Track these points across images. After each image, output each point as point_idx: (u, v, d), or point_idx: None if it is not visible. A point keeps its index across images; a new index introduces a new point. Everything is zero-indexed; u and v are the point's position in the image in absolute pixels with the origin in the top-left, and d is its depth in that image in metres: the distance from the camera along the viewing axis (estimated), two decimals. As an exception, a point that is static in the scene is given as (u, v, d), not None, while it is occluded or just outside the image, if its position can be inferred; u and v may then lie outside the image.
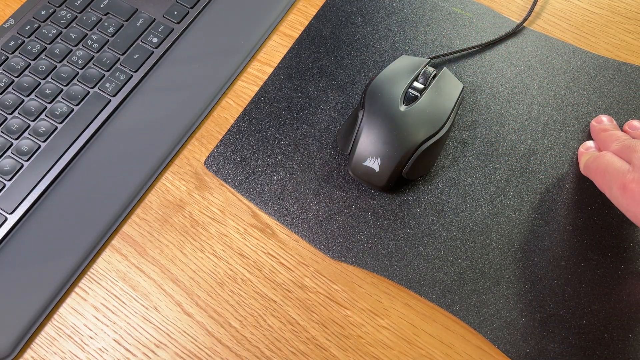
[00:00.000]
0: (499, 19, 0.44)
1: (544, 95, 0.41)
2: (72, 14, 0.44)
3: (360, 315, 0.34)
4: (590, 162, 0.35)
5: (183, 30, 0.44)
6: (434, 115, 0.36)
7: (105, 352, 0.33)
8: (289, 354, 0.33)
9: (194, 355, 0.33)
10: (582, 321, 0.33)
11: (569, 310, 0.33)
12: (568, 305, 0.34)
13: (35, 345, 0.34)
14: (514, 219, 0.36)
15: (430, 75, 0.38)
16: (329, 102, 0.41)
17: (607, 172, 0.32)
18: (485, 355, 0.33)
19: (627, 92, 0.41)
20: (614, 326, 0.33)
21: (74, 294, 0.35)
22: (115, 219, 0.37)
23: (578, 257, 0.35)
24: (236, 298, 0.35)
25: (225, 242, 0.36)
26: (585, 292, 0.34)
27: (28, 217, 0.37)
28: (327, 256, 0.36)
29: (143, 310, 0.34)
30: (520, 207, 0.37)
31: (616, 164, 0.31)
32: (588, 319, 0.33)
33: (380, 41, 0.44)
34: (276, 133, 0.40)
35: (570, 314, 0.33)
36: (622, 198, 0.30)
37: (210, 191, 0.38)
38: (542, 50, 0.43)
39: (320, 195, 0.37)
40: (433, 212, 0.37)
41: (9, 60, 0.42)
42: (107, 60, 0.42)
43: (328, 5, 0.45)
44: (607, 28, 0.44)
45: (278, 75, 0.42)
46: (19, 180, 0.37)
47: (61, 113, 0.40)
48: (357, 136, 0.36)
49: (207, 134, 0.40)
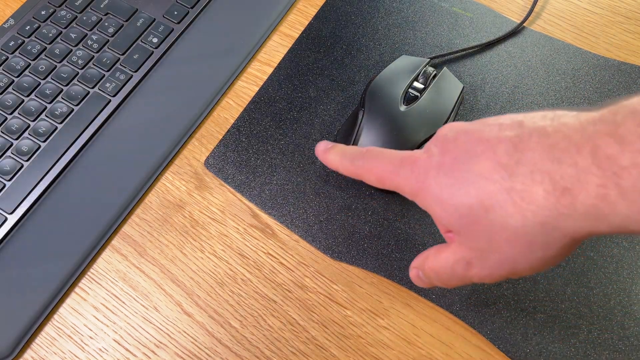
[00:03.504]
0: (499, 19, 0.44)
1: (544, 95, 0.41)
2: (72, 14, 0.44)
3: (360, 315, 0.34)
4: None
5: (183, 30, 0.44)
6: (434, 115, 0.36)
7: (105, 352, 0.33)
8: (289, 354, 0.33)
9: (194, 355, 0.33)
10: (581, 321, 0.33)
11: (569, 310, 0.33)
12: (568, 305, 0.34)
13: (35, 345, 0.34)
14: (514, 219, 0.36)
15: (430, 75, 0.38)
16: (329, 102, 0.41)
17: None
18: (485, 355, 0.33)
19: (627, 92, 0.41)
20: (614, 326, 0.33)
21: (74, 294, 0.35)
22: (115, 219, 0.37)
23: (578, 257, 0.35)
24: (236, 298, 0.35)
25: (225, 242, 0.36)
26: (585, 293, 0.34)
27: (28, 217, 0.37)
28: (327, 256, 0.36)
29: (143, 311, 0.34)
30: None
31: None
32: (588, 319, 0.33)
33: (380, 41, 0.44)
34: (276, 133, 0.40)
35: (570, 314, 0.33)
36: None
37: (210, 191, 0.38)
38: (542, 50, 0.43)
39: (320, 195, 0.37)
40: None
41: (9, 60, 0.42)
42: (107, 60, 0.42)
43: (328, 5, 0.45)
44: (607, 28, 0.44)
45: (278, 75, 0.42)
46: (19, 180, 0.37)
47: (61, 113, 0.40)
48: (357, 136, 0.36)
49: (207, 134, 0.40)
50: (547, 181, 0.20)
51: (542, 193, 0.21)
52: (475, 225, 0.23)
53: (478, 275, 0.25)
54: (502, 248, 0.23)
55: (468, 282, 0.26)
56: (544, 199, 0.20)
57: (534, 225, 0.21)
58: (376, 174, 0.28)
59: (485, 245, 0.23)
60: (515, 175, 0.21)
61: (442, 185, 0.24)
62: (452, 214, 0.24)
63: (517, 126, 0.23)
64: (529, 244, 0.22)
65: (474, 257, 0.24)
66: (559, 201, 0.20)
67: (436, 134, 0.26)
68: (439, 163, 0.25)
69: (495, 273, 0.24)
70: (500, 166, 0.22)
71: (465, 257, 0.25)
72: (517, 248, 0.22)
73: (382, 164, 0.28)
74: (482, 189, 0.22)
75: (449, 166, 0.24)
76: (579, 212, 0.20)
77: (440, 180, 0.24)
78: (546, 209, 0.21)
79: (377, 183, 0.28)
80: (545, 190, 0.20)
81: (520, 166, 0.21)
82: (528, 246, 0.22)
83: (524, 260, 0.23)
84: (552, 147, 0.21)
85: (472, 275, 0.25)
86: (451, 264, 0.26)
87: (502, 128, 0.23)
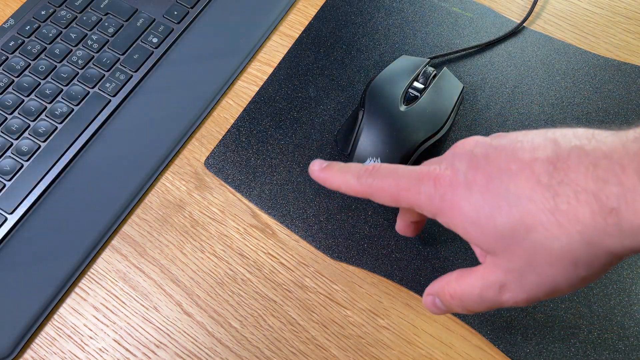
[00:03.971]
0: (499, 19, 0.44)
1: (544, 95, 0.41)
2: (72, 14, 0.44)
3: (360, 315, 0.34)
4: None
5: (183, 30, 0.44)
6: (434, 115, 0.36)
7: (105, 352, 0.33)
8: (289, 354, 0.33)
9: (194, 355, 0.33)
10: (581, 321, 0.33)
11: (569, 310, 0.33)
12: (568, 305, 0.34)
13: (35, 345, 0.34)
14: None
15: (430, 75, 0.38)
16: (329, 102, 0.41)
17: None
18: (485, 355, 0.33)
19: (627, 92, 0.41)
20: (614, 326, 0.33)
21: (74, 294, 0.35)
22: (115, 219, 0.37)
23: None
24: (236, 298, 0.35)
25: (225, 242, 0.36)
26: (585, 293, 0.34)
27: (28, 217, 0.37)
28: (327, 256, 0.36)
29: (143, 311, 0.34)
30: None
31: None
32: (587, 319, 0.33)
33: (380, 41, 0.44)
34: (276, 133, 0.40)
35: (570, 314, 0.33)
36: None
37: (210, 191, 0.38)
38: (542, 50, 0.43)
39: (320, 195, 0.37)
40: (433, 212, 0.37)
41: (9, 60, 0.42)
42: (107, 60, 0.42)
43: (328, 5, 0.45)
44: (607, 28, 0.44)
45: (278, 75, 0.42)
46: (19, 180, 0.37)
47: (61, 113, 0.40)
48: (357, 136, 0.36)
49: (207, 134, 0.40)
50: (593, 201, 0.20)
51: (589, 213, 0.20)
52: (514, 247, 0.22)
53: (513, 299, 0.24)
54: (543, 269, 0.22)
55: (497, 307, 0.25)
56: (591, 219, 0.20)
57: (579, 244, 0.21)
58: (391, 192, 0.26)
59: (524, 267, 0.22)
60: (559, 195, 0.21)
61: (476, 206, 0.23)
62: (490, 235, 0.23)
63: (552, 144, 0.22)
64: (574, 264, 0.21)
65: (510, 280, 0.23)
66: (605, 220, 0.20)
67: (456, 148, 0.25)
68: (469, 181, 0.24)
69: (532, 295, 0.23)
70: (541, 186, 0.21)
71: (499, 281, 0.23)
72: (559, 269, 0.22)
73: (397, 181, 0.26)
74: (524, 208, 0.22)
75: (483, 185, 0.23)
76: (625, 232, 0.20)
77: (473, 200, 0.23)
78: (592, 228, 0.20)
79: (391, 202, 0.26)
80: (592, 210, 0.20)
81: (563, 186, 0.21)
82: (572, 266, 0.21)
83: (565, 280, 0.22)
84: (594, 166, 0.20)
85: (506, 300, 0.24)
86: (479, 289, 0.24)
87: (535, 146, 0.22)
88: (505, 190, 0.22)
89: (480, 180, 0.23)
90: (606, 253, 0.21)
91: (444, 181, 0.24)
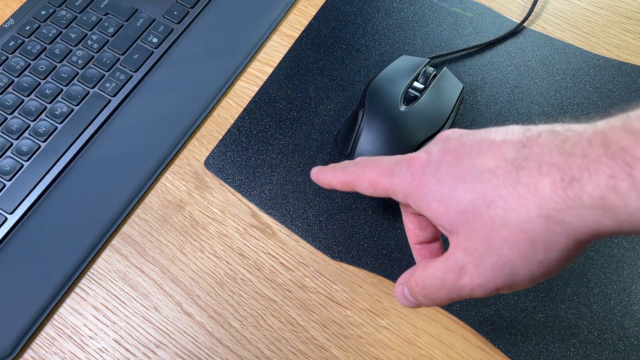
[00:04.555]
0: (499, 19, 0.44)
1: (544, 95, 0.41)
2: (72, 14, 0.44)
3: (360, 315, 0.34)
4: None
5: (183, 30, 0.44)
6: (434, 115, 0.36)
7: (105, 352, 0.33)
8: (289, 354, 0.33)
9: (194, 355, 0.33)
10: (581, 321, 0.33)
11: (569, 310, 0.33)
12: (568, 305, 0.34)
13: (35, 345, 0.34)
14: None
15: (430, 75, 0.38)
16: (329, 102, 0.41)
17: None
18: (485, 355, 0.33)
19: (627, 92, 0.41)
20: (614, 326, 0.33)
21: (74, 294, 0.35)
22: (115, 219, 0.37)
23: (578, 257, 0.35)
24: (236, 298, 0.35)
25: (225, 242, 0.36)
26: (585, 293, 0.34)
27: (28, 217, 0.37)
28: (327, 256, 0.36)
29: (143, 310, 0.34)
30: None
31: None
32: (587, 319, 0.33)
33: (380, 41, 0.44)
34: (276, 133, 0.40)
35: (570, 314, 0.33)
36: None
37: (210, 191, 0.38)
38: (542, 50, 0.43)
39: (320, 195, 0.37)
40: (433, 212, 0.37)
41: (9, 60, 0.42)
42: (107, 60, 0.42)
43: (328, 5, 0.45)
44: (607, 28, 0.44)
45: (278, 75, 0.42)
46: (19, 180, 0.37)
47: (61, 113, 0.40)
48: (357, 136, 0.36)
49: (207, 134, 0.40)
50: (555, 172, 0.20)
51: (549, 185, 0.20)
52: (474, 223, 0.22)
53: (470, 284, 0.22)
54: (501, 249, 0.21)
55: (457, 296, 0.23)
56: (551, 190, 0.20)
57: (537, 219, 0.20)
58: (369, 177, 0.26)
59: (482, 247, 0.22)
60: (522, 168, 0.21)
61: (442, 180, 0.23)
62: (451, 209, 0.22)
63: (525, 129, 0.22)
64: (531, 243, 0.21)
65: (468, 262, 0.22)
66: (565, 192, 0.19)
67: (437, 136, 0.25)
68: (438, 160, 0.24)
69: (489, 281, 0.22)
70: (506, 161, 0.21)
71: (458, 262, 0.23)
72: (516, 248, 0.21)
73: (375, 167, 0.26)
74: (486, 182, 0.21)
75: (451, 162, 0.23)
76: (586, 205, 0.19)
77: (440, 176, 0.23)
78: (552, 201, 0.20)
79: (369, 188, 0.26)
80: (553, 181, 0.20)
81: (528, 160, 0.21)
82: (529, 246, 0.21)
83: (524, 264, 0.21)
84: (562, 141, 0.20)
85: (464, 285, 0.23)
86: (441, 273, 0.23)
87: (508, 131, 0.22)
88: (471, 165, 0.22)
89: (449, 159, 0.23)
90: (566, 234, 0.20)
91: (416, 162, 0.25)
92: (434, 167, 0.24)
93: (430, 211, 0.24)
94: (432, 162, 0.24)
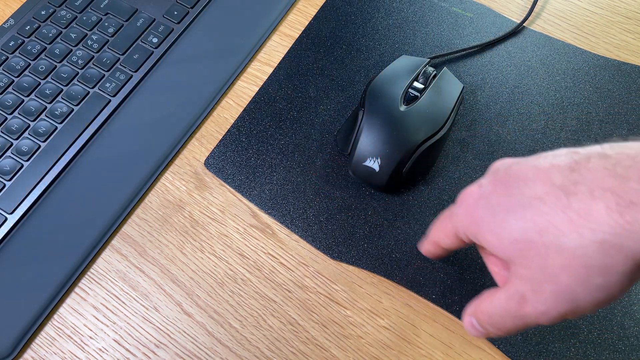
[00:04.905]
0: (499, 19, 0.44)
1: (544, 95, 0.41)
2: (72, 14, 0.44)
3: (360, 315, 0.34)
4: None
5: (183, 30, 0.44)
6: (434, 115, 0.36)
7: (105, 352, 0.33)
8: (289, 354, 0.33)
9: (194, 355, 0.33)
10: (581, 321, 0.33)
11: (569, 310, 0.33)
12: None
13: (35, 345, 0.34)
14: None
15: (430, 75, 0.38)
16: (329, 102, 0.41)
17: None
18: (485, 355, 0.33)
19: (627, 92, 0.41)
20: (614, 326, 0.33)
21: (74, 294, 0.35)
22: (115, 219, 0.37)
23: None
24: (236, 298, 0.35)
25: (225, 242, 0.36)
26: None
27: (28, 217, 0.37)
28: (327, 256, 0.36)
29: (143, 311, 0.34)
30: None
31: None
32: (587, 319, 0.33)
33: (380, 41, 0.44)
34: (276, 133, 0.40)
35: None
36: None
37: (210, 191, 0.38)
38: (542, 50, 0.43)
39: (320, 195, 0.37)
40: (433, 212, 0.37)
41: (9, 60, 0.42)
42: (107, 60, 0.42)
43: (328, 5, 0.45)
44: (607, 28, 0.44)
45: (278, 75, 0.42)
46: (19, 180, 0.37)
47: (61, 113, 0.40)
48: (357, 136, 0.36)
49: (207, 134, 0.40)
50: (610, 197, 0.19)
51: (604, 209, 0.19)
52: (529, 251, 0.22)
53: (534, 312, 0.22)
54: (558, 276, 0.21)
55: (524, 324, 0.23)
56: (605, 215, 0.19)
57: (591, 244, 0.20)
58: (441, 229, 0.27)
59: (539, 274, 0.22)
60: (573, 194, 0.20)
61: (493, 212, 0.23)
62: (505, 239, 0.23)
63: (572, 153, 0.22)
64: (587, 268, 0.20)
65: (528, 290, 0.22)
66: (622, 216, 0.19)
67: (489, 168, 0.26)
68: (489, 192, 0.24)
69: (552, 309, 0.22)
70: (555, 187, 0.21)
71: (518, 291, 0.23)
72: (573, 275, 0.21)
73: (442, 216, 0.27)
74: (537, 210, 0.21)
75: (501, 193, 0.23)
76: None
77: (491, 207, 0.23)
78: (606, 226, 0.19)
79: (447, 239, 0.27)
80: (607, 206, 0.19)
81: (578, 185, 0.20)
82: (586, 271, 0.20)
83: (584, 290, 0.21)
84: (614, 165, 0.20)
85: (527, 313, 0.23)
86: (504, 302, 0.23)
87: (556, 156, 0.22)
88: (520, 194, 0.22)
89: (499, 191, 0.24)
90: (624, 257, 0.20)
91: (469, 198, 0.25)
92: (485, 199, 0.24)
93: (487, 243, 0.24)
94: (484, 195, 0.24)
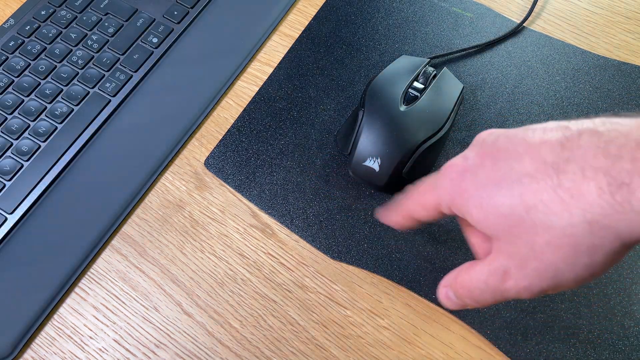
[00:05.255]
0: (499, 19, 0.44)
1: (544, 95, 0.41)
2: (72, 14, 0.44)
3: (360, 315, 0.34)
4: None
5: (183, 30, 0.44)
6: (434, 115, 0.36)
7: (105, 352, 0.33)
8: (289, 354, 0.33)
9: (194, 355, 0.33)
10: (581, 321, 0.33)
11: (569, 310, 0.33)
12: (568, 305, 0.34)
13: (35, 345, 0.34)
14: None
15: (430, 75, 0.38)
16: (329, 102, 0.41)
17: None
18: (485, 355, 0.33)
19: (627, 92, 0.41)
20: (614, 326, 0.33)
21: (74, 294, 0.35)
22: (115, 219, 0.37)
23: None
24: (236, 298, 0.35)
25: (225, 242, 0.36)
26: (584, 293, 0.34)
27: (28, 217, 0.37)
28: (327, 256, 0.36)
29: (143, 311, 0.34)
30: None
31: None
32: (587, 319, 0.33)
33: (380, 41, 0.44)
34: (276, 133, 0.40)
35: (570, 314, 0.33)
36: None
37: (210, 191, 0.38)
38: (542, 50, 0.43)
39: (320, 195, 0.37)
40: (433, 212, 0.37)
41: (9, 60, 0.42)
42: (107, 61, 0.42)
43: (328, 5, 0.45)
44: (607, 28, 0.44)
45: (278, 75, 0.42)
46: (19, 180, 0.37)
47: (61, 113, 0.40)
48: (357, 136, 0.36)
49: (207, 134, 0.40)
50: (601, 177, 0.19)
51: (595, 189, 0.19)
52: (515, 228, 0.21)
53: (515, 287, 0.22)
54: (544, 253, 0.21)
55: (503, 298, 0.23)
56: (597, 195, 0.19)
57: (581, 224, 0.20)
58: (419, 201, 0.26)
59: (525, 251, 0.21)
60: (564, 172, 0.20)
61: (480, 186, 0.23)
62: (491, 214, 0.22)
63: (563, 128, 0.21)
64: (574, 247, 0.20)
65: (512, 265, 0.22)
66: (613, 197, 0.19)
67: (474, 139, 0.25)
68: (476, 165, 0.23)
69: (534, 284, 0.22)
70: (546, 164, 0.21)
71: (502, 266, 0.23)
72: (560, 253, 0.21)
73: (421, 188, 0.26)
74: (526, 187, 0.21)
75: (489, 167, 0.23)
76: (636, 210, 0.18)
77: (478, 181, 0.23)
78: (597, 207, 0.19)
79: (423, 211, 0.26)
80: (599, 186, 0.19)
81: (569, 164, 0.20)
82: (573, 250, 0.20)
83: (568, 268, 0.21)
84: (606, 143, 0.19)
85: (509, 288, 0.23)
86: (485, 276, 0.23)
87: (546, 131, 0.22)
88: (509, 170, 0.22)
89: (486, 164, 0.23)
90: (612, 237, 0.20)
91: (454, 169, 0.24)
92: (471, 172, 0.24)
93: (471, 217, 0.24)
94: (470, 167, 0.24)
